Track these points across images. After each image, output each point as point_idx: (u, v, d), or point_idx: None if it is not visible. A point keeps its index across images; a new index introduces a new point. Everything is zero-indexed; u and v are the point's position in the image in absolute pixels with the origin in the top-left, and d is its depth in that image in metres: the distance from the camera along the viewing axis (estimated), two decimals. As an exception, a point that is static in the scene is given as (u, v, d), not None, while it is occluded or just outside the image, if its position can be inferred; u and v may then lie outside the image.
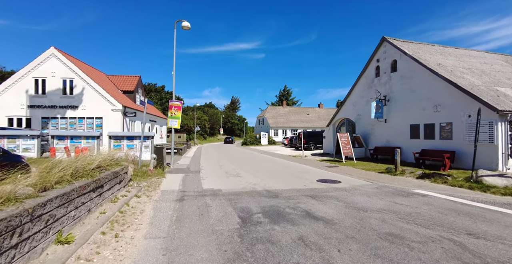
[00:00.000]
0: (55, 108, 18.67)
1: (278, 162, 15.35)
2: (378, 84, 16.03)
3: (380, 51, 15.94)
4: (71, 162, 4.40)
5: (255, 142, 42.42)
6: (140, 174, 9.00)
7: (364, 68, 17.27)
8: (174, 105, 12.12)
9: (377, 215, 5.00)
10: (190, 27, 12.21)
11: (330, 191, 7.29)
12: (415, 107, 13.38)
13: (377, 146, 15.84)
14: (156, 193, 6.93)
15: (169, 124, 12.22)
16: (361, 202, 5.98)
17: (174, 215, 5.00)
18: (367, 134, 16.90)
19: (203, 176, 9.97)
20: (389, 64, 15.21)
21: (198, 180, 9.06)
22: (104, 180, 5.02)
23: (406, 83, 14.00)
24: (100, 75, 22.88)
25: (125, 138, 11.89)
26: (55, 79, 18.63)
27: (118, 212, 4.84)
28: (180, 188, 7.66)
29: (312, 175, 10.20)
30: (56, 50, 18.58)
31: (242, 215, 4.98)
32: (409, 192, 7.08)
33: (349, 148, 15.14)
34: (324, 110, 55.60)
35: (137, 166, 9.79)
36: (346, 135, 15.48)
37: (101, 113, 19.26)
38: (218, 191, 7.27)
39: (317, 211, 5.26)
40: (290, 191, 7.24)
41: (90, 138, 11.68)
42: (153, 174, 9.56)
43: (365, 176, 10.03)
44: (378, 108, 15.28)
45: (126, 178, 6.81)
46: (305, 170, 11.92)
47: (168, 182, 8.74)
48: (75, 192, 3.76)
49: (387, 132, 15.36)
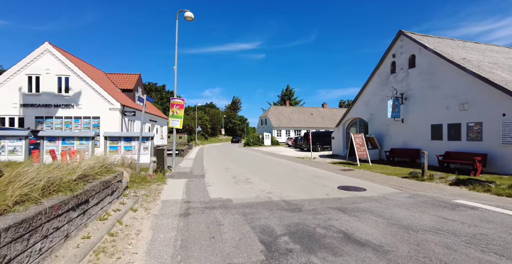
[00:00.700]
0: (49, 107, 17.65)
1: (287, 165, 14.30)
2: (394, 81, 14.98)
3: (396, 45, 14.89)
4: (45, 171, 3.36)
5: (258, 143, 41.37)
6: (138, 181, 7.96)
7: (378, 64, 16.22)
8: (176, 103, 11.08)
9: (435, 237, 3.95)
10: (193, 18, 11.17)
11: (359, 201, 6.24)
12: (437, 106, 12.32)
13: (393, 148, 14.78)
14: (155, 205, 5.89)
15: (171, 124, 11.18)
16: (404, 218, 4.93)
17: (178, 238, 3.96)
18: (382, 135, 15.84)
19: (208, 182, 8.92)
20: (407, 59, 14.16)
21: (203, 187, 8.01)
22: (90, 193, 3.98)
23: (426, 79, 12.94)
24: (97, 73, 21.87)
25: (122, 139, 10.86)
26: (49, 76, 17.62)
27: (108, 235, 3.80)
28: (184, 198, 6.62)
29: (330, 181, 9.15)
30: (51, 45, 17.57)
31: (264, 238, 3.93)
32: (452, 203, 6.02)
33: (364, 150, 14.09)
34: (328, 110, 54.53)
35: (135, 170, 8.76)
36: (360, 135, 14.42)
37: (98, 113, 18.25)
38: (228, 201, 6.22)
39: (357, 231, 4.21)
40: (313, 202, 6.19)
41: (84, 139, 10.64)
42: (152, 180, 8.52)
43: (388, 182, 8.98)
44: (395, 107, 14.23)
45: (121, 187, 5.77)
46: (319, 174, 10.87)
47: (169, 189, 7.70)
48: (43, 216, 2.72)
49: (404, 132, 14.31)
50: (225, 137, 71.99)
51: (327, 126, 48.22)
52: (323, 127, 47.39)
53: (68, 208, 3.27)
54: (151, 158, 9.21)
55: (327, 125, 48.54)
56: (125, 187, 6.81)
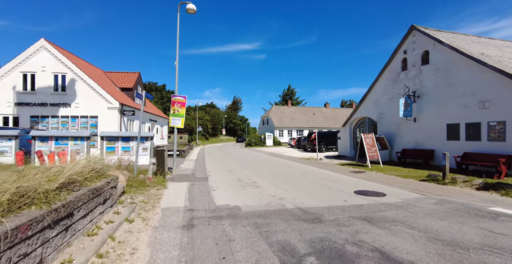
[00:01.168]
0: (45, 106, 16.97)
1: (294, 167, 13.60)
2: (406, 79, 14.28)
3: (408, 41, 14.19)
4: (12, 179, 2.67)
5: (259, 143, 40.66)
6: (136, 185, 7.28)
7: (387, 61, 15.52)
8: (177, 100, 10.39)
9: (493, 259, 3.25)
10: (195, 11, 10.48)
11: (383, 209, 5.55)
12: (454, 104, 11.61)
13: (404, 149, 14.08)
14: (155, 214, 5.20)
15: (171, 123, 10.49)
16: (442, 231, 4.24)
17: (181, 259, 3.26)
18: (392, 135, 15.14)
19: (212, 186, 8.23)
20: (419, 55, 13.46)
21: (207, 192, 7.32)
22: (76, 205, 3.29)
23: (441, 76, 12.24)
24: (96, 71, 21.20)
25: (120, 139, 10.18)
26: (45, 74, 16.94)
27: (95, 257, 3.11)
28: (187, 205, 5.93)
29: (343, 184, 8.46)
30: (47, 42, 16.90)
31: (286, 260, 3.24)
32: (490, 212, 5.33)
33: (374, 151, 13.39)
34: (331, 110, 53.82)
35: (133, 173, 8.07)
36: (371, 136, 13.73)
37: (96, 112, 17.57)
38: (236, 209, 5.53)
39: (395, 249, 3.52)
40: (332, 210, 5.50)
41: (78, 139, 9.95)
42: (152, 184, 7.83)
43: (407, 186, 8.28)
44: (407, 105, 13.53)
45: (115, 193, 5.09)
46: (330, 177, 10.18)
47: (170, 194, 7.00)
48: (1, 242, 2.03)
49: (416, 132, 13.60)
50: (226, 137, 71.26)
51: (329, 126, 47.52)
52: (325, 127, 46.67)
53: (43, 226, 2.58)
54: (151, 160, 8.53)
55: (330, 125, 47.84)
56: (121, 192, 6.12)
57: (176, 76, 10.92)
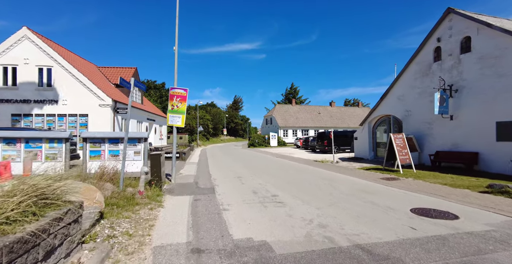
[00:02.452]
0: (28, 102, 15.12)
1: (311, 171, 11.75)
2: (439, 71, 12.42)
3: (443, 27, 12.32)
4: None
5: (263, 144, 38.79)
6: (122, 203, 5.43)
7: (415, 52, 13.67)
8: (177, 94, 8.52)
9: None
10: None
11: (483, 248, 3.69)
12: (506, 98, 9.77)
13: (439, 151, 12.23)
14: (142, 260, 3.35)
15: (170, 121, 8.63)
16: None
17: None
18: (421, 135, 13.29)
19: (223, 202, 6.36)
20: (458, 42, 11.60)
21: (217, 213, 5.46)
22: None
23: (489, 66, 10.39)
24: (87, 65, 19.32)
25: (107, 141, 8.36)
26: (28, 67, 15.09)
27: None
28: (191, 239, 4.07)
29: (388, 198, 6.61)
30: (30, 31, 15.04)
31: None
32: None
33: (406, 154, 11.55)
34: (336, 108, 51.95)
35: (119, 186, 6.22)
36: (401, 136, 11.88)
37: (86, 110, 15.73)
38: (266, 250, 3.67)
39: None
40: (407, 248, 3.64)
41: (55, 141, 8.12)
42: (143, 200, 5.97)
43: (469, 200, 6.43)
44: (443, 101, 11.68)
45: (77, 230, 3.23)
46: (362, 186, 8.33)
47: (167, 218, 5.14)
48: None
49: (454, 132, 11.75)
50: (227, 138, 69.32)
51: (336, 125, 45.65)
52: (331, 127, 44.77)
53: None
54: (142, 168, 6.67)
55: (336, 125, 45.97)
56: (97, 219, 4.28)
57: (176, 63, 9.06)
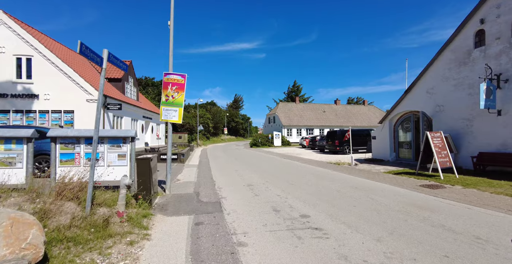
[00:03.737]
0: (5, 97, 13.26)
1: (332, 177, 9.90)
2: (482, 58, 10.56)
3: (486, 6, 10.46)
4: None
5: (266, 143, 36.90)
6: (85, 236, 3.58)
7: (449, 38, 11.80)
8: (172, 81, 6.64)
9: None
10: None
11: None
12: None
13: (482, 152, 10.38)
14: None
15: (163, 116, 6.75)
16: None
17: None
18: (457, 134, 11.45)
19: (236, 230, 4.49)
20: (509, 23, 9.75)
21: (231, 253, 3.58)
22: None
23: (552, 49, 8.54)
24: (74, 56, 17.43)
25: (83, 141, 6.51)
26: (5, 56, 13.22)
27: None
28: None
29: (459, 220, 4.76)
30: (7, 15, 13.16)
31: None
32: None
33: (445, 155, 9.73)
34: (342, 106, 50.05)
35: (85, 208, 4.34)
36: (439, 135, 10.04)
37: (72, 105, 13.89)
38: None
39: None
40: None
41: (13, 142, 6.26)
42: (122, 227, 4.11)
43: None
44: (489, 93, 9.83)
45: None
46: (409, 199, 6.48)
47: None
48: None
49: (502, 130, 9.91)
50: (228, 137, 67.36)
51: (342, 124, 43.78)
52: (337, 126, 42.93)
53: None
54: (123, 179, 4.81)
55: (342, 123, 44.10)
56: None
57: (171, 41, 7.16)
